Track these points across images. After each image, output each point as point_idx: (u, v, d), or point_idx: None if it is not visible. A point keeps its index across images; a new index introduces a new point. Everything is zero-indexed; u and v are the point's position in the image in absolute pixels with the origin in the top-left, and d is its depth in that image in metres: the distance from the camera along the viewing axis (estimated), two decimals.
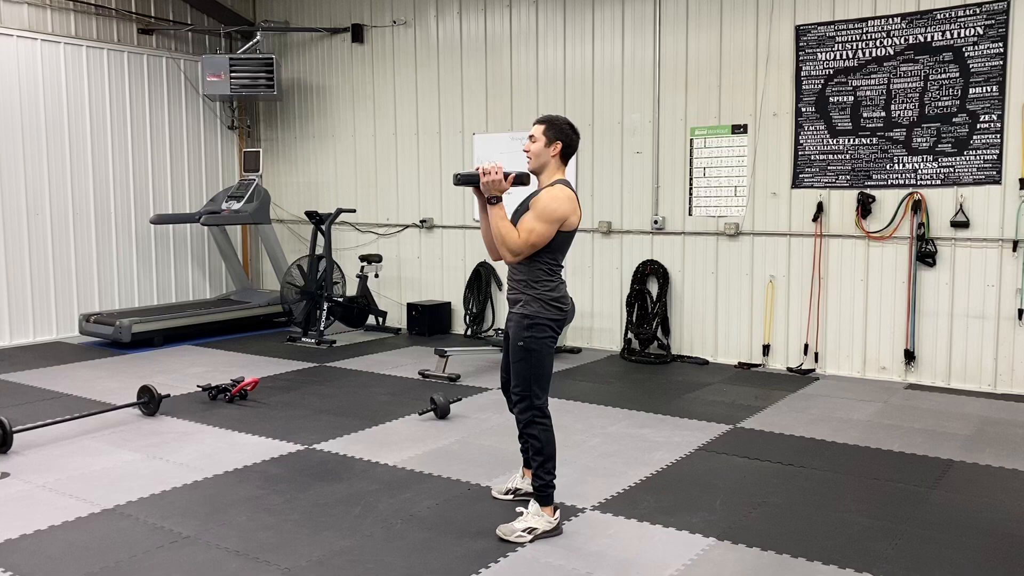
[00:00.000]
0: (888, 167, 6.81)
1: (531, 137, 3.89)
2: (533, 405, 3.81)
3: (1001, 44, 6.30)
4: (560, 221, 3.74)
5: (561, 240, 3.82)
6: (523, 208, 3.84)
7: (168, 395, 6.11)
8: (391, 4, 9.37)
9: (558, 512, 3.90)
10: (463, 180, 3.81)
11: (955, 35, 6.47)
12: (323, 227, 8.87)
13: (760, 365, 7.45)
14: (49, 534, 3.87)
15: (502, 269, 8.28)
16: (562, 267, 3.92)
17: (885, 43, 6.74)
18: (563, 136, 3.85)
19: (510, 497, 4.24)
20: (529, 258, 3.81)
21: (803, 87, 7.10)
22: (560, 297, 3.86)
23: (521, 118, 8.54)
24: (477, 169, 3.76)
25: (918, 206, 6.68)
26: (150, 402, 5.86)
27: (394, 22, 9.39)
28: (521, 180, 3.83)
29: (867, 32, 6.79)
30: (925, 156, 6.66)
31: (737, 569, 3.51)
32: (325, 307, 8.69)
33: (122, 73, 9.36)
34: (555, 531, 3.84)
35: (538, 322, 3.81)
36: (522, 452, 4.19)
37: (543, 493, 3.85)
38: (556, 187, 3.81)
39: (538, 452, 3.83)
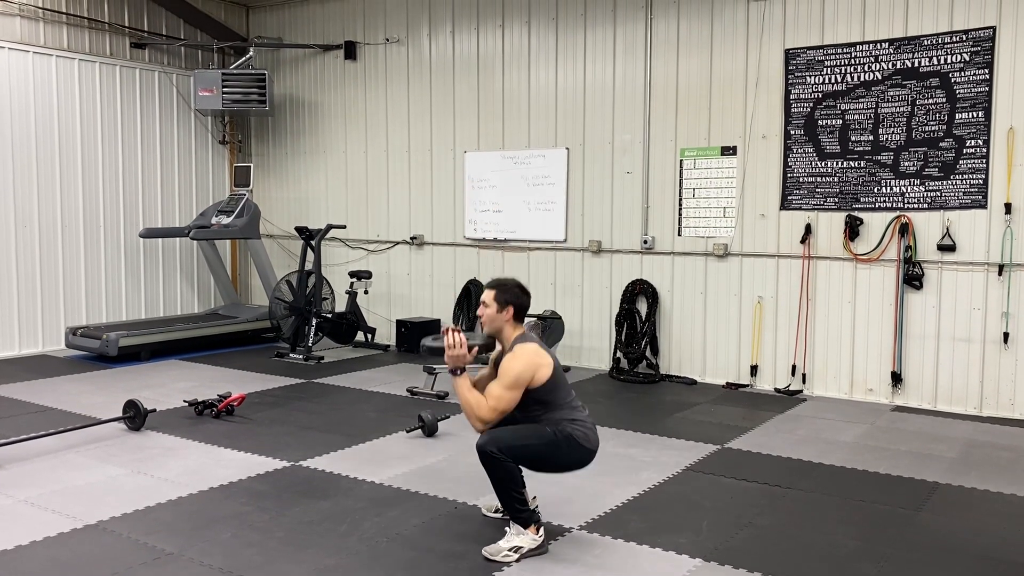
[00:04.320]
0: (876, 190, 6.87)
1: (483, 303, 4.00)
2: (501, 451, 3.76)
3: (987, 70, 6.38)
4: (525, 383, 3.80)
5: (544, 392, 3.84)
6: (496, 369, 3.96)
7: (154, 410, 6.06)
8: (384, 22, 9.43)
9: (542, 530, 3.90)
10: (430, 351, 3.93)
11: (942, 61, 6.55)
12: (313, 243, 8.86)
13: (748, 385, 7.46)
14: (30, 550, 3.84)
15: None
16: (571, 396, 3.95)
17: (873, 68, 6.81)
18: (513, 299, 3.98)
19: (499, 515, 4.23)
20: (534, 416, 3.86)
21: (792, 110, 7.17)
22: (584, 436, 3.88)
23: (512, 137, 8.58)
24: (444, 332, 3.84)
25: (905, 229, 6.73)
26: (136, 417, 5.82)
27: (387, 40, 9.43)
28: (485, 349, 3.94)
29: (855, 57, 6.87)
30: (912, 180, 6.72)
31: None
32: (313, 323, 8.68)
33: (114, 86, 9.37)
34: (540, 549, 3.83)
35: (576, 440, 3.84)
36: None
37: (520, 518, 3.85)
38: (516, 349, 3.88)
39: (503, 491, 3.83)
